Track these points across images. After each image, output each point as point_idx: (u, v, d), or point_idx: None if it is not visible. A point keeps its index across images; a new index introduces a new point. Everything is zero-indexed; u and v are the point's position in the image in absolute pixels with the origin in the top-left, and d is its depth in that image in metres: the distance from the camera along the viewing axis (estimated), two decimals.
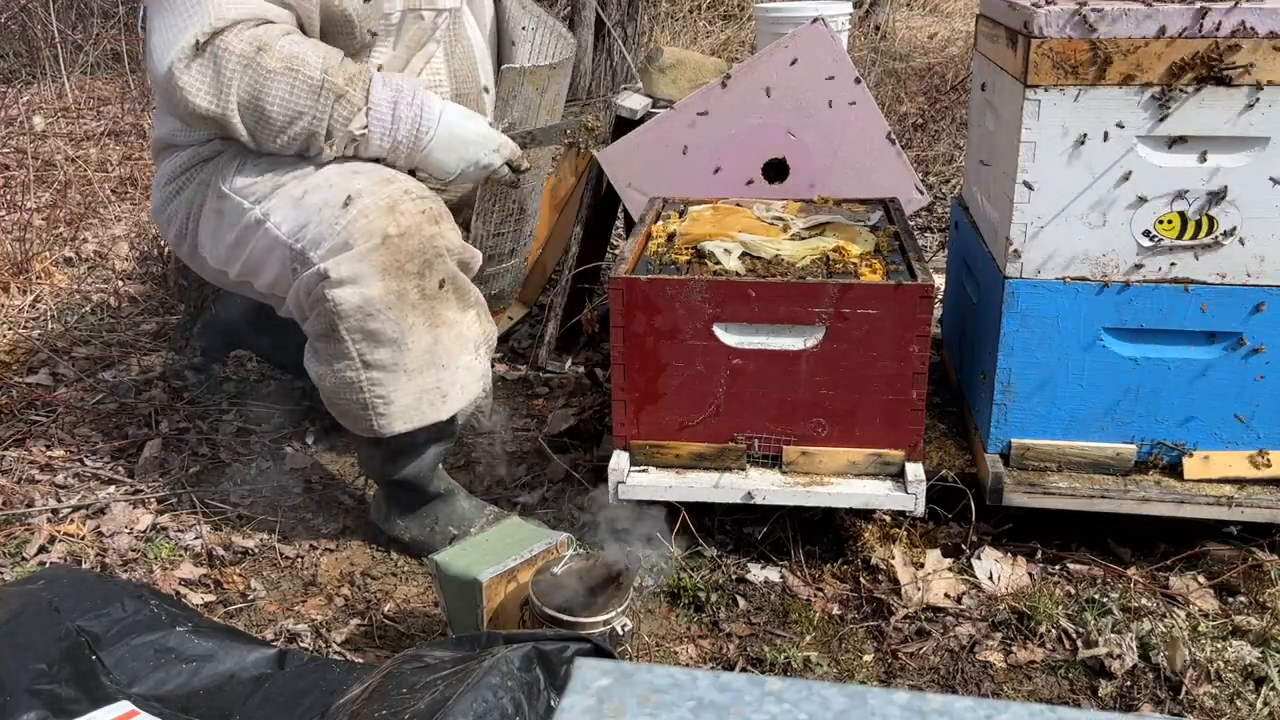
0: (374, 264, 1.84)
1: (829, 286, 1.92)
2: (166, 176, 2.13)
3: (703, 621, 1.95)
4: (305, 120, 1.90)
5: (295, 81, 1.88)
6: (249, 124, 1.91)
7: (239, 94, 1.87)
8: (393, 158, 1.99)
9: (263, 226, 1.95)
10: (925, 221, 4.11)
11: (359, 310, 1.86)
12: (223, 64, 1.86)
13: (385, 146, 1.97)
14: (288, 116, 1.90)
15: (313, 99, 1.90)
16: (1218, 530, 2.06)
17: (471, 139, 2.02)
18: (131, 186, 4.49)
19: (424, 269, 1.89)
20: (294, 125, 1.91)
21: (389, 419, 1.94)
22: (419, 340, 1.90)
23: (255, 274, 2.02)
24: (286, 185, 1.95)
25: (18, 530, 2.23)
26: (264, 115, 1.89)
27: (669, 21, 7.65)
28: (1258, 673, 1.77)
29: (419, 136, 1.98)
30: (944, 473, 2.09)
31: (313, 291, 1.88)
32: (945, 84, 5.89)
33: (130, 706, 1.52)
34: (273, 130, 1.91)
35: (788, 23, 3.41)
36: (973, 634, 1.90)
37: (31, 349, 3.05)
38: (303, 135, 1.92)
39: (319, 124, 1.91)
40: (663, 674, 0.60)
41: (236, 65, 1.86)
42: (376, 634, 1.93)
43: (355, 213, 1.85)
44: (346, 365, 1.91)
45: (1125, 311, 1.96)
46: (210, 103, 1.88)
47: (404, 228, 1.86)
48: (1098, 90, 1.85)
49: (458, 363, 1.97)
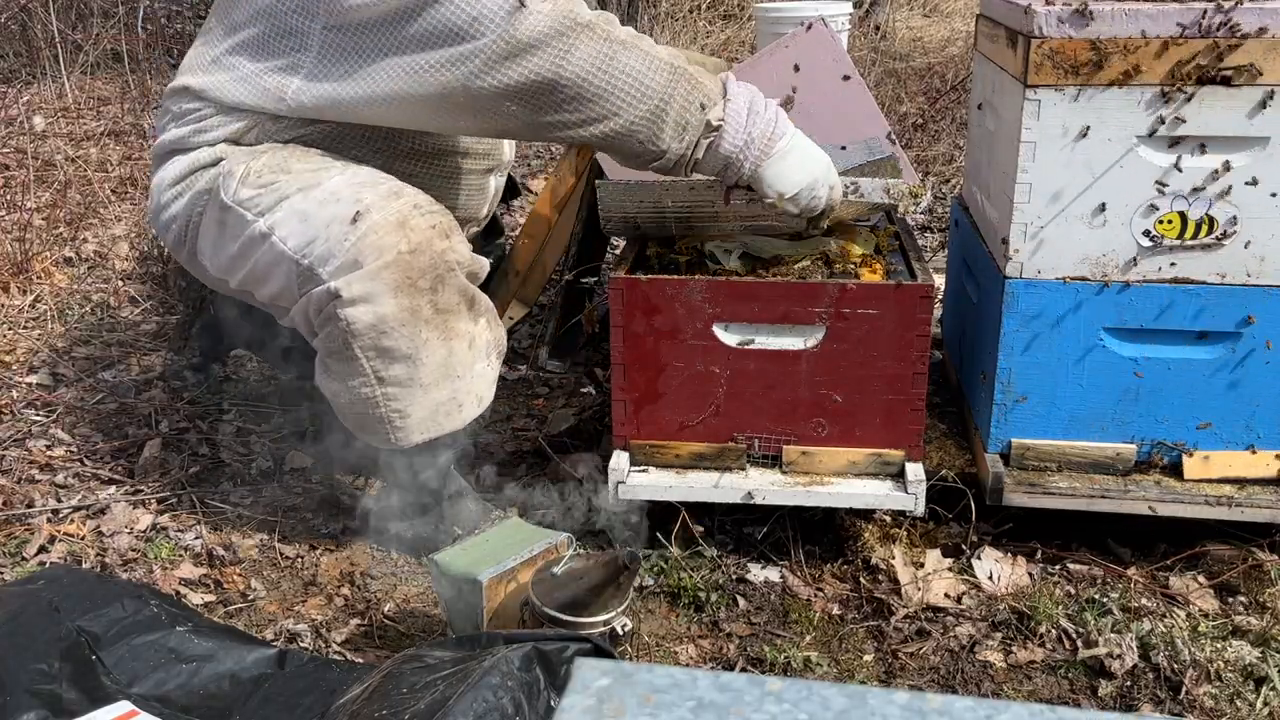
0: (386, 282, 1.82)
1: (829, 286, 1.92)
2: (167, 182, 2.11)
3: (703, 621, 1.95)
4: (653, 101, 1.77)
5: (650, 60, 1.77)
6: (573, 97, 1.76)
7: (580, 60, 1.74)
8: (739, 159, 1.87)
9: (268, 240, 1.92)
10: (925, 221, 4.11)
11: (372, 329, 1.84)
12: (567, 20, 1.73)
13: (738, 144, 1.85)
14: (635, 94, 1.77)
15: (668, 78, 1.78)
16: (1218, 530, 2.06)
17: (820, 160, 1.93)
18: (131, 186, 4.49)
19: (436, 284, 1.86)
20: (638, 105, 1.78)
21: (406, 432, 1.94)
22: (433, 355, 1.89)
23: (258, 285, 2.00)
24: (292, 198, 1.91)
25: (18, 530, 2.23)
26: (605, 89, 1.76)
27: (669, 21, 7.65)
28: (1258, 673, 1.77)
29: (773, 140, 1.87)
30: (944, 473, 2.09)
31: (324, 309, 1.85)
32: (945, 84, 5.89)
33: (130, 706, 1.52)
34: (609, 108, 1.77)
35: (788, 23, 3.41)
36: (973, 634, 1.90)
37: (31, 349, 3.05)
38: (645, 120, 1.79)
39: (668, 107, 1.79)
40: (663, 674, 0.60)
41: (581, 27, 1.74)
42: (376, 634, 1.93)
43: (365, 229, 1.82)
44: (362, 382, 1.89)
45: (1125, 311, 1.96)
46: (546, 65, 1.73)
47: (415, 244, 1.83)
48: (1098, 90, 1.85)
49: (472, 372, 1.97)
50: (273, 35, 1.95)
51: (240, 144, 2.04)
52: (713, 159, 1.88)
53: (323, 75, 1.91)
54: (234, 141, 2.04)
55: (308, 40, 1.91)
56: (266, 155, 1.98)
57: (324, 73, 1.91)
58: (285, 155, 1.99)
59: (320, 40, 1.90)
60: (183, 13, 6.92)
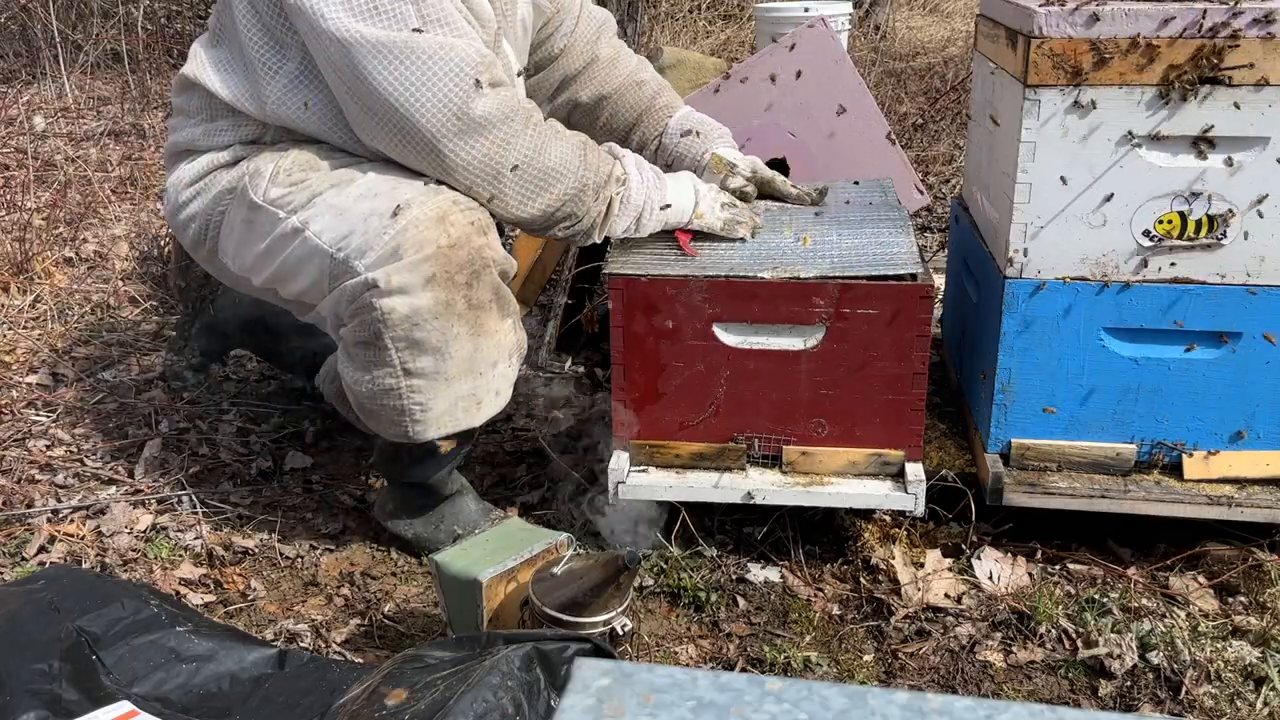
0: (424, 274, 1.84)
1: (829, 286, 1.92)
2: (185, 181, 2.10)
3: (703, 621, 1.95)
4: (572, 179, 1.95)
5: (565, 139, 1.96)
6: (514, 181, 1.92)
7: (518, 153, 1.90)
8: (645, 200, 2.03)
9: (300, 235, 1.93)
10: (925, 221, 4.11)
11: (406, 320, 1.85)
12: (506, 121, 1.89)
13: (645, 191, 2.03)
14: (559, 174, 1.94)
15: (579, 155, 1.96)
16: (1218, 530, 2.06)
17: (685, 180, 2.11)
18: (131, 186, 4.49)
19: (472, 279, 1.89)
20: (561, 182, 1.94)
21: (424, 425, 1.94)
22: (461, 349, 1.91)
23: (285, 281, 2.01)
24: (325, 195, 1.93)
25: (18, 530, 2.23)
26: (540, 173, 1.92)
27: (669, 21, 7.65)
28: (1258, 673, 1.77)
29: (658, 175, 2.07)
30: (944, 473, 2.09)
31: (357, 299, 1.86)
32: (945, 84, 5.89)
33: (130, 706, 1.52)
34: (537, 189, 1.94)
35: (788, 23, 3.42)
36: (973, 634, 1.90)
37: (31, 349, 3.05)
38: (570, 194, 1.95)
39: (586, 179, 1.96)
40: (663, 674, 0.60)
41: (521, 124, 1.90)
42: (376, 634, 1.93)
43: (405, 222, 1.84)
44: (387, 372, 1.90)
45: (1125, 311, 1.96)
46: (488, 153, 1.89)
47: (454, 239, 1.86)
48: (1098, 90, 1.85)
49: (494, 370, 1.98)
50: (263, 43, 1.97)
51: (258, 144, 2.05)
52: (626, 210, 2.03)
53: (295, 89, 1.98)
54: (249, 143, 2.05)
55: (288, 52, 1.96)
56: (294, 153, 2.00)
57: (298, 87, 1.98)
58: (313, 153, 2.01)
59: (299, 54, 1.95)
60: (183, 13, 6.92)
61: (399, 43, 1.82)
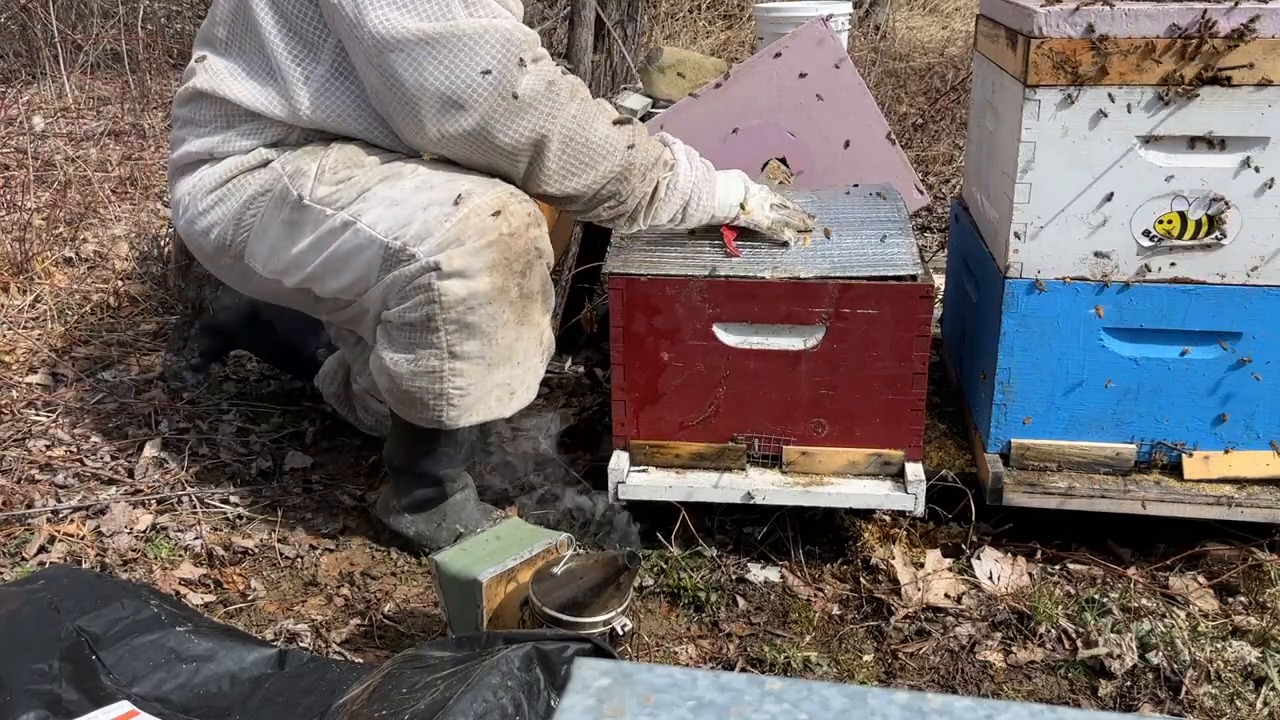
0: (486, 260, 1.87)
1: (829, 286, 1.92)
2: (206, 187, 2.06)
3: (703, 621, 1.96)
4: (618, 157, 1.94)
5: (613, 117, 1.95)
6: (558, 155, 1.92)
7: (564, 124, 1.90)
8: (693, 189, 2.04)
9: (351, 228, 1.93)
10: (925, 221, 4.11)
11: (462, 302, 1.87)
12: (551, 92, 1.88)
13: (693, 180, 2.03)
14: (605, 151, 1.94)
15: (627, 135, 1.95)
16: (1218, 530, 2.06)
17: (736, 176, 2.11)
18: (131, 186, 4.49)
19: (526, 269, 1.92)
20: (606, 160, 1.94)
21: (460, 411, 1.95)
22: (506, 335, 1.93)
23: (328, 277, 1.99)
24: (375, 188, 1.95)
25: (18, 530, 2.23)
26: (584, 147, 1.92)
27: (669, 21, 7.65)
28: (1258, 673, 1.77)
29: (709, 167, 2.06)
30: (944, 473, 2.09)
31: (414, 281, 1.88)
32: (945, 84, 5.89)
33: (130, 706, 1.52)
34: (580, 164, 1.94)
35: (788, 23, 3.41)
36: (973, 634, 1.90)
37: (31, 349, 3.05)
38: (614, 172, 1.95)
39: (633, 159, 1.95)
40: (663, 674, 0.60)
41: (567, 96, 1.90)
42: (376, 634, 1.93)
43: (468, 210, 1.87)
44: (432, 354, 1.91)
45: (1125, 311, 1.96)
46: (535, 127, 1.88)
47: (514, 228, 1.89)
48: (1098, 90, 1.85)
49: (529, 363, 2.00)
50: (292, 46, 1.97)
51: (281, 146, 2.04)
52: (672, 196, 2.03)
53: (330, 91, 1.99)
54: (273, 145, 2.04)
55: (320, 54, 1.96)
56: (336, 150, 2.00)
57: (331, 89, 1.98)
58: (353, 150, 2.01)
59: (332, 55, 1.96)
60: (183, 13, 6.92)
61: (444, 33, 1.83)
